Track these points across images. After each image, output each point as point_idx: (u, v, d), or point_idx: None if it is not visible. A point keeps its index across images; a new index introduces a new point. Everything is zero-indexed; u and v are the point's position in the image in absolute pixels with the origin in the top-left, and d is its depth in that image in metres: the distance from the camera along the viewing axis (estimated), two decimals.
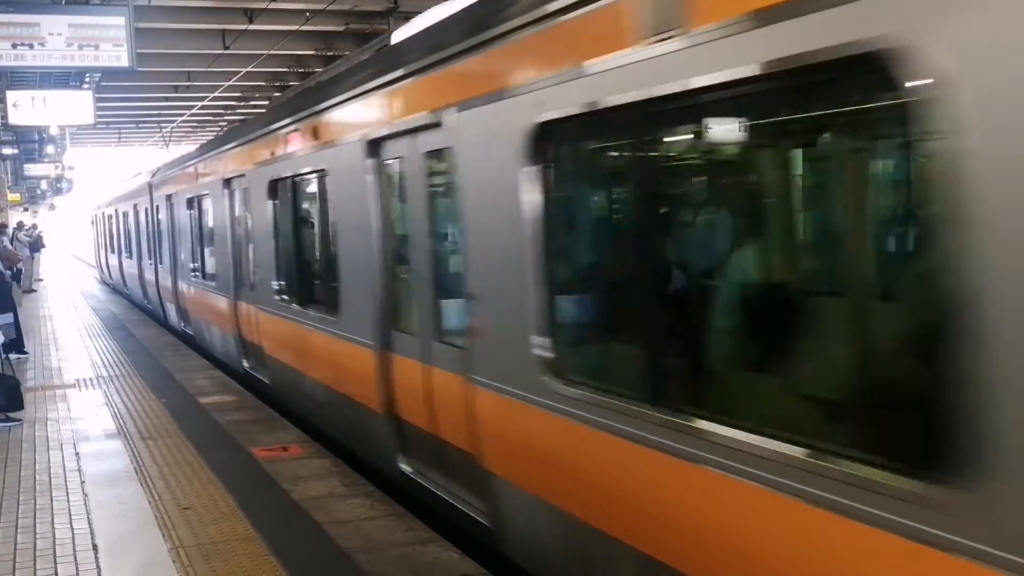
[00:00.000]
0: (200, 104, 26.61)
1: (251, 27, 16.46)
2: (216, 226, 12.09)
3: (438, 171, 5.68)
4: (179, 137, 36.41)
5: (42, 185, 45.45)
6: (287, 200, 9.07)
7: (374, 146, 6.43)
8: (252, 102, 26.30)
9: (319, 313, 7.92)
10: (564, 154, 4.61)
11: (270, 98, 24.22)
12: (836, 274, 3.42)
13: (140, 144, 41.17)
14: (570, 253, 4.65)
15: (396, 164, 6.30)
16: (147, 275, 18.79)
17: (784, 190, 3.73)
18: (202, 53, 18.69)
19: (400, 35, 7.72)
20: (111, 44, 12.03)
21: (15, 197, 39.85)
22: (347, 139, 6.91)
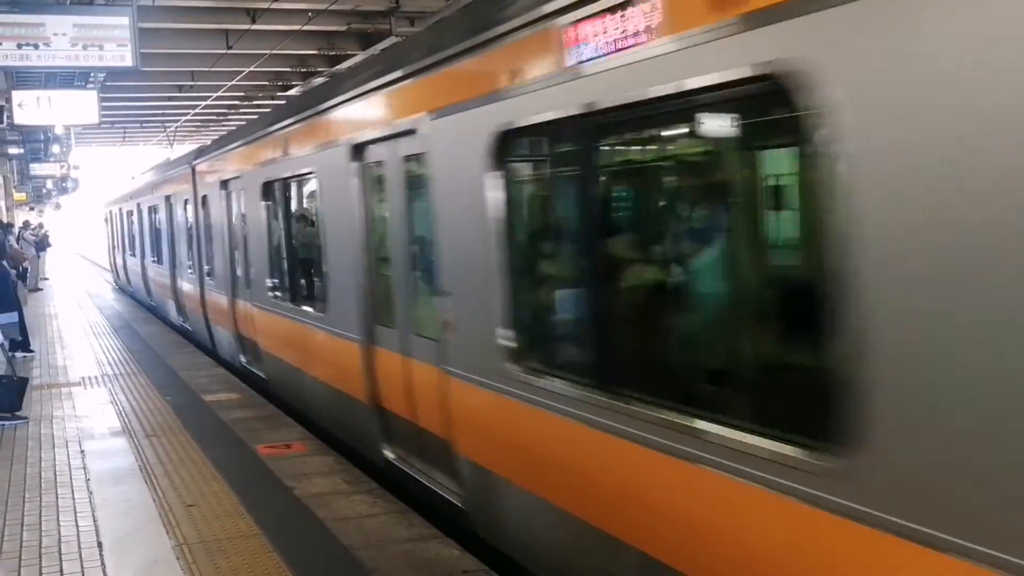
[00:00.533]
0: (203, 104, 26.66)
1: (254, 27, 16.47)
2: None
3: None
4: (183, 136, 36.50)
5: (47, 184, 45.54)
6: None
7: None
8: (255, 102, 26.33)
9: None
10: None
11: (273, 98, 24.28)
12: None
13: (144, 143, 41.27)
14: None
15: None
16: (185, 287, 14.79)
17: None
18: (205, 53, 18.70)
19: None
20: (115, 44, 12.06)
21: (21, 196, 40.00)
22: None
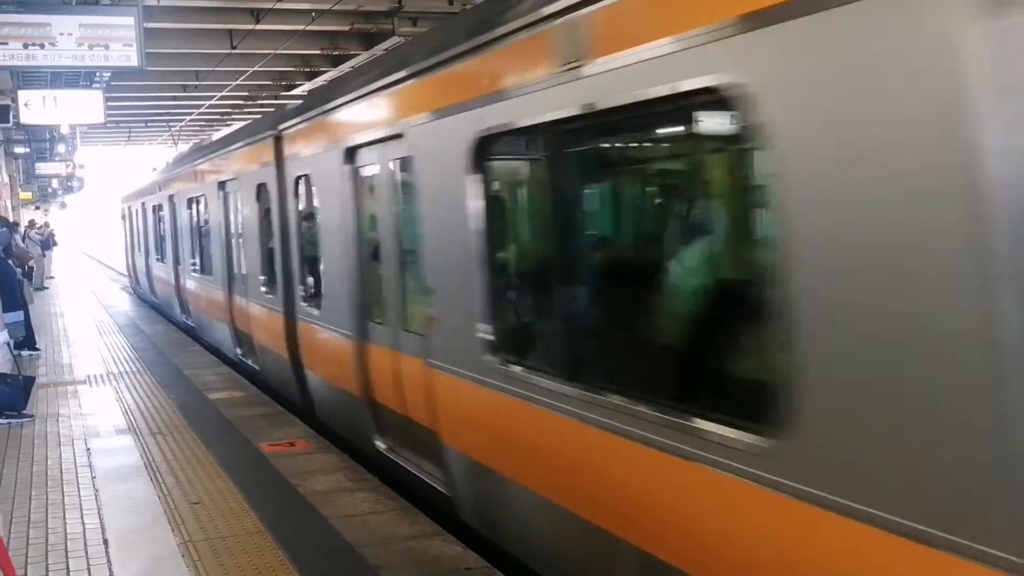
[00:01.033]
0: (208, 103, 26.73)
1: (258, 27, 16.51)
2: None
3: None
4: (187, 136, 36.58)
5: (53, 184, 45.72)
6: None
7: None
8: (259, 101, 26.38)
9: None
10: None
11: (276, 97, 24.33)
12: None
13: (149, 143, 41.38)
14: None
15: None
16: (254, 310, 10.41)
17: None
18: (210, 53, 18.76)
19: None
20: (121, 44, 12.11)
21: (27, 195, 40.12)
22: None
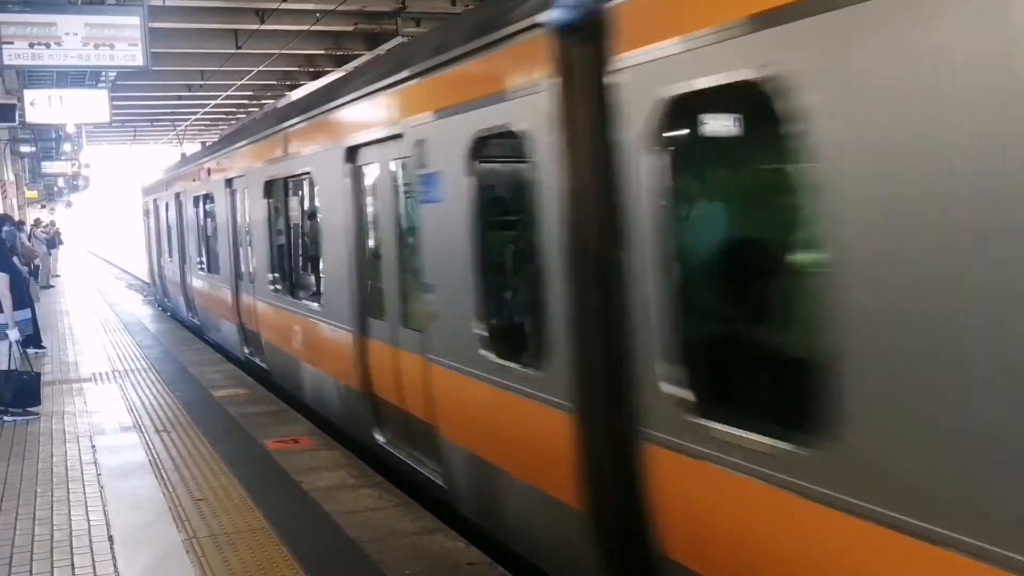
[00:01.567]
0: (213, 103, 26.80)
1: (263, 27, 16.58)
2: None
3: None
4: (192, 135, 36.67)
5: (59, 183, 45.79)
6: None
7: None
8: (264, 100, 26.45)
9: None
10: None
11: (281, 97, 24.37)
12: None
13: (155, 142, 41.47)
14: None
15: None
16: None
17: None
18: (215, 52, 18.81)
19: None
20: (126, 43, 12.16)
21: (33, 194, 40.18)
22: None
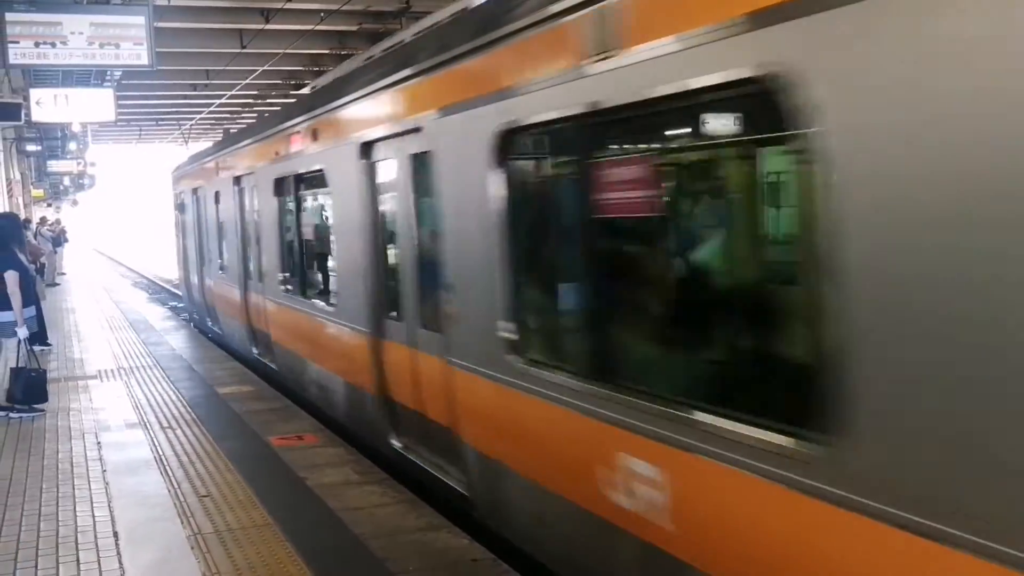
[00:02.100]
0: (218, 102, 26.84)
1: (267, 27, 16.59)
2: None
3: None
4: (197, 134, 36.74)
5: (65, 181, 45.91)
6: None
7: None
8: (268, 100, 26.48)
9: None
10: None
11: (286, 96, 24.40)
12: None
13: (160, 141, 41.58)
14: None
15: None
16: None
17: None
18: (220, 52, 18.84)
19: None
20: (131, 43, 12.22)
21: (39, 193, 40.31)
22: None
